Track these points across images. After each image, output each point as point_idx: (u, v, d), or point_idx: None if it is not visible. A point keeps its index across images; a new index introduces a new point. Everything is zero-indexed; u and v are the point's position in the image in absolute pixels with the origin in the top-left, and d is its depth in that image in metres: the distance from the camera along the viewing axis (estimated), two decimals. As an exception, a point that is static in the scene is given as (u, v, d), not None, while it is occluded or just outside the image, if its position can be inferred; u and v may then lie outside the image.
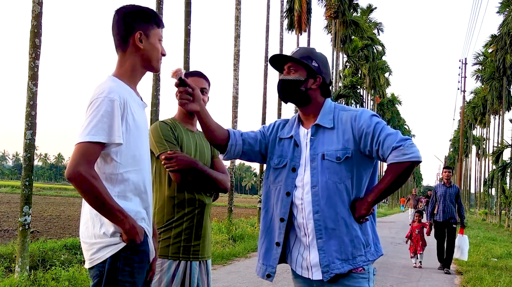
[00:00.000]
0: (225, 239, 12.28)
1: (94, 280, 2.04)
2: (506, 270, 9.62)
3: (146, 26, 2.16)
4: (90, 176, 1.91)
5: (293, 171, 2.33)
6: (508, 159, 32.86)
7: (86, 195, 1.94)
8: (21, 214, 6.29)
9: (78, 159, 1.92)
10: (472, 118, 57.24)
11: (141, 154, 2.13)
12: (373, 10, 48.07)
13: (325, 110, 2.36)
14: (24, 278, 5.97)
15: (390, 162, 2.18)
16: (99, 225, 2.03)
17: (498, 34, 39.12)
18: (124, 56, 2.17)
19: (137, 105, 2.15)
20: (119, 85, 2.09)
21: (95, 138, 1.94)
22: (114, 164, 2.03)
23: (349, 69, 41.63)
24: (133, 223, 2.01)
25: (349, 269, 2.21)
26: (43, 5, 6.54)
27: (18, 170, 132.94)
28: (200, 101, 2.29)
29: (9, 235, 11.99)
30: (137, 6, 2.21)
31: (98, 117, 1.96)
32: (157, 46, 2.20)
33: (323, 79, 2.38)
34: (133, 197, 2.08)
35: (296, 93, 2.36)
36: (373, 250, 2.29)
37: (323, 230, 2.23)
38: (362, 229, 2.26)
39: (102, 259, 2.01)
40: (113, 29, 2.19)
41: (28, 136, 6.35)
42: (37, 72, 6.49)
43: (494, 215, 44.91)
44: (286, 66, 2.40)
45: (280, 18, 22.72)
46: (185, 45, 12.14)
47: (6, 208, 22.41)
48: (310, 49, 2.44)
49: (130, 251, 2.03)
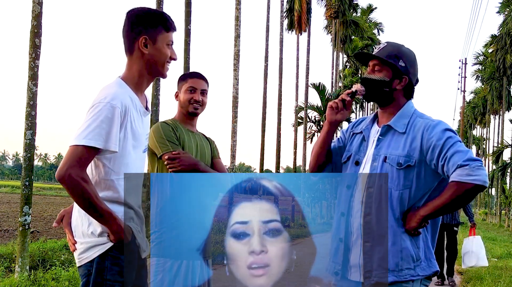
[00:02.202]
0: (225, 239, 12.27)
1: (82, 279, 2.07)
2: (506, 270, 9.61)
3: (152, 30, 2.11)
4: (81, 179, 1.91)
5: (356, 165, 2.28)
6: (508, 159, 32.88)
7: (75, 196, 1.94)
8: (21, 214, 6.29)
9: (70, 161, 1.92)
10: (472, 118, 57.27)
11: (133, 162, 2.13)
12: (373, 10, 48.07)
13: (402, 113, 2.26)
14: (24, 278, 5.97)
15: (452, 179, 2.05)
16: (87, 224, 2.05)
17: (498, 34, 39.14)
18: (131, 60, 2.14)
19: (137, 113, 2.13)
20: (124, 91, 2.07)
21: (91, 142, 1.93)
22: (106, 170, 2.03)
23: (349, 69, 41.63)
24: (121, 224, 2.02)
25: (393, 281, 2.10)
26: (43, 5, 6.54)
27: (18, 170, 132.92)
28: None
29: (9, 235, 11.99)
30: (146, 9, 2.16)
31: (97, 122, 1.95)
32: (164, 51, 2.14)
33: (409, 80, 2.26)
34: (122, 201, 2.08)
35: (379, 94, 2.26)
36: (424, 265, 2.15)
37: (371, 234, 2.14)
38: (412, 242, 2.14)
39: (90, 259, 2.03)
40: (123, 32, 2.16)
41: (28, 136, 6.35)
42: (37, 72, 6.49)
43: (494, 215, 44.90)
44: (372, 63, 2.28)
45: (280, 18, 22.72)
46: (185, 45, 12.13)
47: (6, 208, 22.41)
48: (398, 46, 2.28)
49: (118, 250, 2.04)
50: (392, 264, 2.11)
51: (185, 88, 2.87)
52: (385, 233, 2.12)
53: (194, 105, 2.85)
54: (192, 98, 2.85)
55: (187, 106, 2.86)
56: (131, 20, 2.12)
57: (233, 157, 15.58)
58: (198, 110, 2.88)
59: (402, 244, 2.12)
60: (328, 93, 29.30)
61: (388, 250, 2.11)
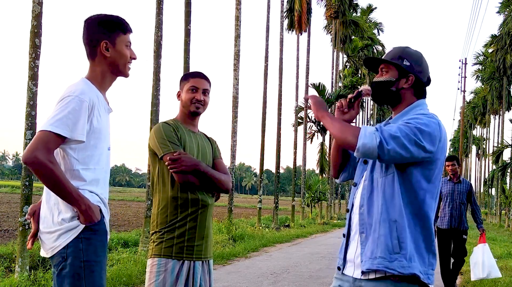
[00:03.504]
0: (225, 239, 12.28)
1: (57, 267, 2.13)
2: (506, 270, 9.61)
3: (111, 34, 2.28)
4: (47, 161, 2.01)
5: (365, 163, 2.33)
6: (508, 159, 32.87)
7: (42, 178, 2.04)
8: (21, 214, 6.30)
9: (37, 145, 2.02)
10: (472, 118, 57.27)
11: (99, 155, 2.25)
12: (373, 10, 48.06)
13: (406, 111, 2.30)
14: (24, 278, 5.97)
15: (360, 128, 2.15)
16: (57, 213, 2.14)
17: (498, 34, 39.13)
18: (94, 64, 2.30)
19: (103, 109, 2.27)
20: (90, 88, 2.22)
21: (57, 130, 2.05)
22: (71, 160, 2.15)
23: (349, 69, 41.61)
24: (89, 203, 2.12)
25: (368, 268, 2.11)
26: (43, 5, 6.54)
27: (18, 170, 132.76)
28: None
29: (9, 235, 12.00)
30: (102, 15, 2.31)
31: (64, 112, 2.08)
32: (124, 52, 2.31)
33: (417, 78, 2.31)
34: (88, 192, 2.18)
35: (387, 94, 2.32)
36: (405, 263, 2.09)
37: (365, 225, 2.19)
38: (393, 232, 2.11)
39: (64, 245, 2.12)
40: (82, 38, 2.31)
41: (28, 136, 6.35)
42: (37, 72, 6.50)
43: (494, 215, 44.88)
44: (379, 69, 2.38)
45: (280, 18, 22.70)
46: (185, 45, 12.13)
47: (6, 208, 22.41)
48: (402, 48, 2.37)
49: (90, 230, 2.14)
50: (368, 251, 2.14)
51: (187, 88, 2.87)
52: (374, 222, 2.15)
53: (196, 105, 2.85)
54: (194, 98, 2.85)
55: (189, 106, 2.86)
56: (90, 27, 2.28)
57: (233, 157, 15.57)
58: (200, 109, 2.88)
59: (380, 231, 2.13)
60: (328, 93, 29.30)
61: (381, 240, 2.12)
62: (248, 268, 8.89)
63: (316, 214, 27.81)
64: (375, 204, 2.17)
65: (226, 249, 10.76)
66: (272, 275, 8.20)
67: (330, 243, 14.69)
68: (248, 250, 11.29)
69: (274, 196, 20.14)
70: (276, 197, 19.84)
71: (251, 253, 11.08)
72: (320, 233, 19.42)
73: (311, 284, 7.58)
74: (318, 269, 9.16)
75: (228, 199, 15.24)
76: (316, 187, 26.48)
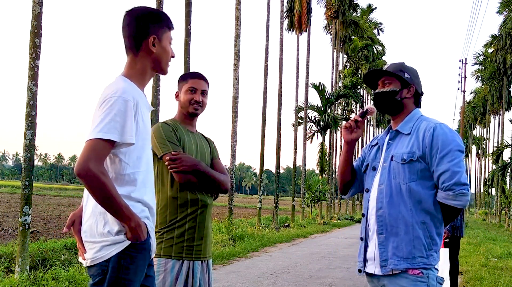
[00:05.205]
0: (225, 239, 12.28)
1: (95, 278, 2.02)
2: (506, 270, 9.61)
3: (159, 29, 2.16)
4: (100, 172, 1.90)
5: (374, 170, 2.55)
6: (508, 159, 32.88)
7: (94, 191, 1.92)
8: (21, 214, 6.29)
9: (88, 155, 1.90)
10: (472, 118, 57.29)
11: (146, 156, 2.14)
12: (373, 10, 48.07)
13: (409, 118, 2.54)
14: (24, 278, 5.97)
15: (438, 199, 2.35)
16: (103, 224, 2.02)
17: (498, 34, 39.13)
18: (135, 58, 2.16)
19: (145, 107, 2.15)
20: (131, 86, 2.09)
21: (107, 135, 1.93)
22: (122, 164, 2.03)
23: (349, 69, 41.62)
24: (138, 221, 2.01)
25: (406, 267, 2.31)
26: (43, 5, 6.54)
27: (18, 170, 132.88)
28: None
29: (9, 235, 12.00)
30: (150, 8, 2.20)
31: (111, 115, 1.94)
32: (168, 49, 2.21)
33: (416, 89, 2.57)
34: (138, 198, 2.08)
35: (392, 103, 2.55)
36: (436, 256, 2.37)
37: (384, 226, 2.39)
38: (425, 232, 2.35)
39: (106, 258, 2.00)
40: (124, 30, 2.17)
41: (28, 136, 6.35)
42: (37, 72, 6.49)
43: (494, 215, 44.90)
44: (381, 81, 2.59)
45: (280, 18, 22.70)
46: (185, 45, 12.13)
47: (6, 208, 22.42)
48: (400, 63, 2.62)
49: (134, 249, 2.02)
50: (405, 252, 2.33)
51: (186, 89, 2.87)
52: (396, 224, 2.36)
53: (195, 106, 2.86)
54: (192, 99, 2.85)
55: (187, 107, 2.86)
56: (138, 19, 2.14)
57: (233, 157, 15.56)
58: (198, 110, 2.88)
59: (414, 234, 2.33)
60: (328, 93, 29.28)
61: (401, 240, 2.34)
62: (248, 268, 8.89)
63: (316, 214, 27.82)
64: (398, 208, 2.37)
65: (226, 249, 10.76)
66: (272, 275, 8.20)
67: (330, 243, 14.69)
68: (248, 250, 11.30)
69: (274, 196, 20.15)
70: (276, 197, 19.84)
71: (251, 253, 11.08)
72: (320, 233, 19.42)
73: (311, 284, 7.58)
74: (318, 269, 9.16)
75: (228, 199, 15.23)
76: (316, 187, 26.49)
